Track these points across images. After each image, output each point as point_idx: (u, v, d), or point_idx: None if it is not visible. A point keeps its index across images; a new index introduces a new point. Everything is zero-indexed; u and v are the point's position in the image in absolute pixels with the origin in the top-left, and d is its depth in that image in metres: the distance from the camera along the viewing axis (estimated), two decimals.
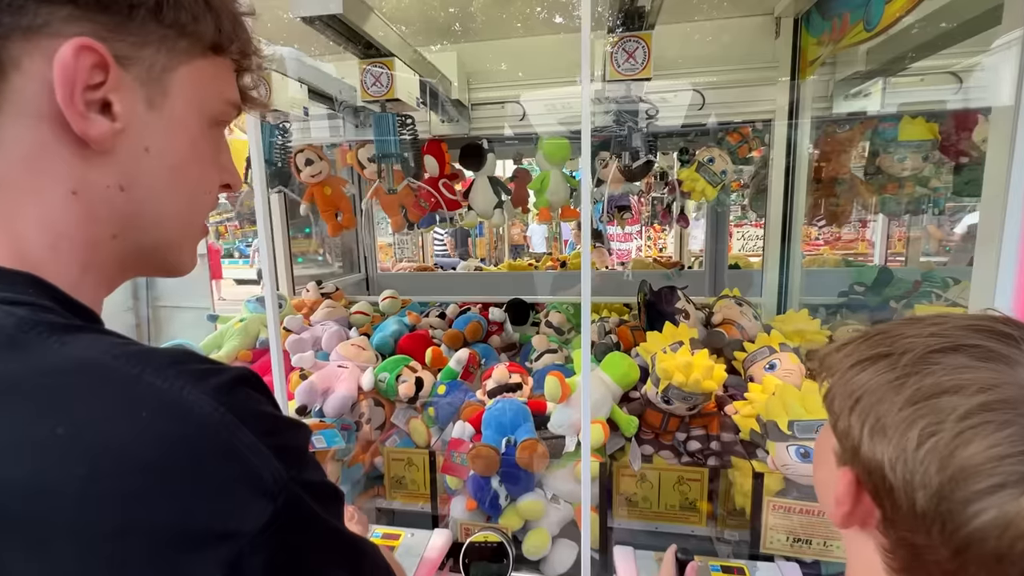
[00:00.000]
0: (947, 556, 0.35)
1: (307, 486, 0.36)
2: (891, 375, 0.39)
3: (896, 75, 1.59)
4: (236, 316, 1.85)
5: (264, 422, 0.35)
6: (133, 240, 0.42)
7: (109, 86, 0.37)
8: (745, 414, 1.17)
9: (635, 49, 1.23)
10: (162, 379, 0.32)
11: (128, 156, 0.39)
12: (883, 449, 0.38)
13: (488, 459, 1.11)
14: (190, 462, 0.31)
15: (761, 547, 1.03)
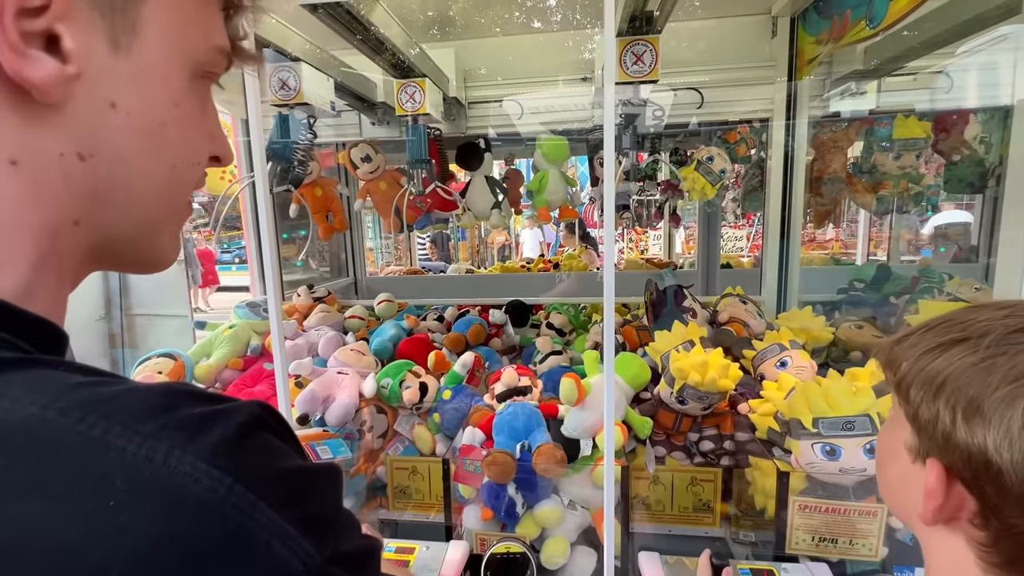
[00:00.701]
0: None
1: (344, 560, 0.28)
2: (974, 358, 0.39)
3: (891, 75, 1.62)
4: (225, 323, 1.77)
5: (287, 487, 0.26)
6: (102, 225, 0.33)
7: (55, 11, 0.27)
8: (762, 412, 1.16)
9: (643, 52, 1.23)
10: (137, 440, 0.23)
11: (88, 113, 0.30)
12: (983, 432, 0.37)
13: (504, 466, 1.07)
14: (188, 570, 0.22)
15: (787, 548, 1.01)
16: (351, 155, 1.91)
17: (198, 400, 0.26)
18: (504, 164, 2.49)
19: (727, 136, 1.94)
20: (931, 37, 1.37)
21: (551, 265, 3.30)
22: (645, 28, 1.28)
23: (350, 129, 1.93)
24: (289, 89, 1.30)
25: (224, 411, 0.26)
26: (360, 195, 2.00)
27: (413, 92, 1.47)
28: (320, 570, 0.26)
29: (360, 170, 1.92)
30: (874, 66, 1.58)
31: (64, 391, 0.24)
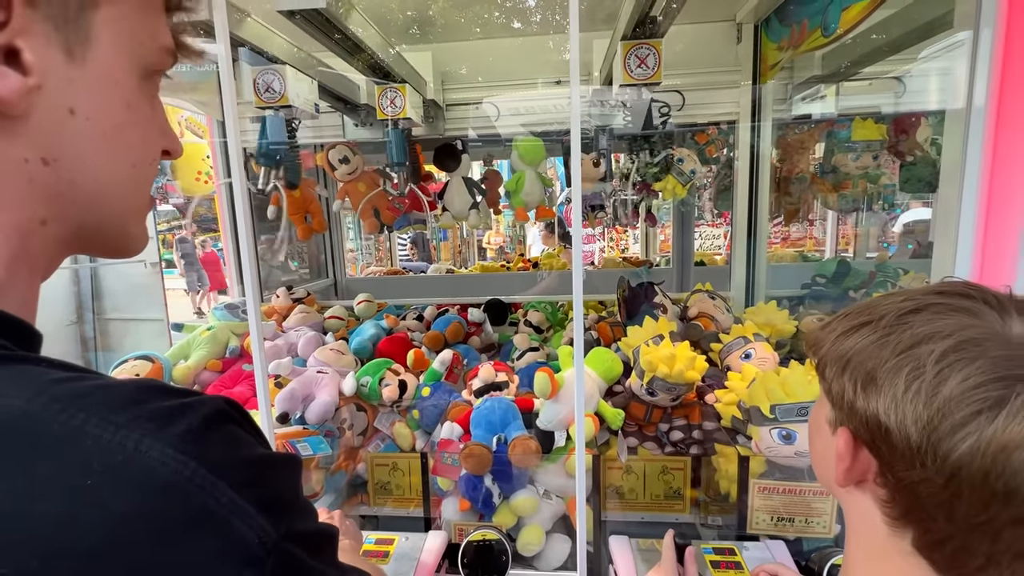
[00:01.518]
0: (941, 485, 0.39)
1: (299, 538, 0.30)
2: (873, 336, 0.44)
3: (849, 79, 1.70)
4: (203, 324, 1.77)
5: (245, 470, 0.29)
6: (70, 222, 0.35)
7: (15, 27, 0.29)
8: (727, 402, 1.22)
9: (647, 55, 1.28)
10: (111, 430, 0.25)
11: (49, 121, 0.32)
12: (876, 399, 0.42)
13: (480, 457, 1.10)
14: (156, 542, 0.24)
15: (748, 528, 1.07)
16: (329, 156, 1.92)
17: (167, 395, 0.29)
18: (484, 163, 2.52)
19: (697, 137, 2.01)
20: (884, 44, 1.46)
21: (530, 264, 3.35)
22: (649, 31, 1.32)
23: (332, 130, 1.94)
24: (274, 92, 1.32)
25: (191, 404, 0.29)
26: (339, 196, 2.02)
27: (394, 97, 1.52)
28: (275, 545, 0.28)
29: (338, 171, 1.93)
30: (832, 71, 1.66)
31: (46, 386, 0.26)
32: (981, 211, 0.87)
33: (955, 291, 0.44)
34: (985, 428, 0.37)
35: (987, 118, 0.85)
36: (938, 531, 0.41)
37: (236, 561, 0.27)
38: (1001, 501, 0.37)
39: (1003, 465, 0.36)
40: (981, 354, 0.39)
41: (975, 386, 0.38)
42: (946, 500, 0.39)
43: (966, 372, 0.38)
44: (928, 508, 0.41)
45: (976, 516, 0.38)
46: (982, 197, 0.87)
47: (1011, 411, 0.36)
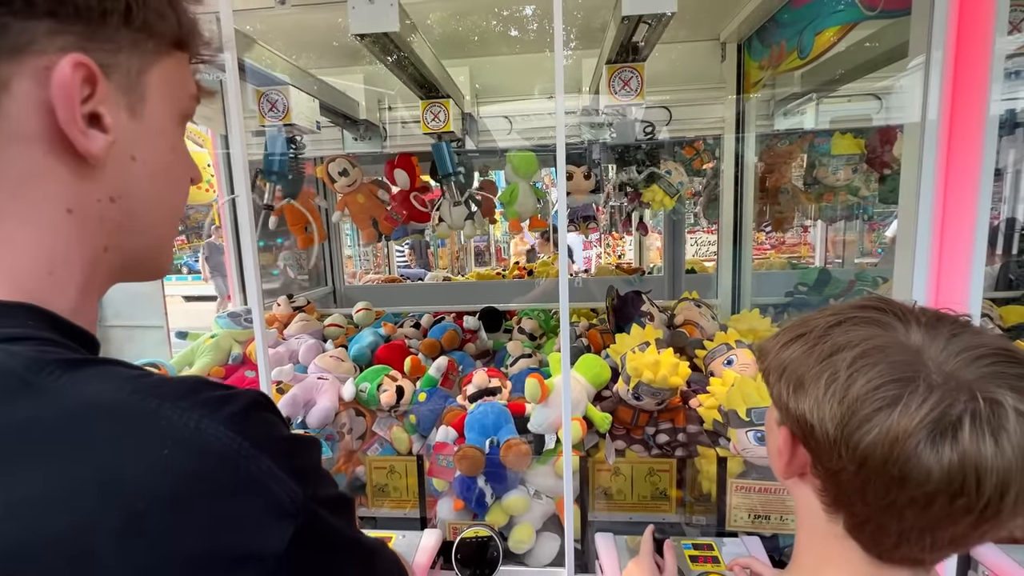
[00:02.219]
0: (854, 472, 0.45)
1: (322, 501, 0.37)
2: (804, 347, 0.51)
3: (828, 96, 1.78)
4: (207, 332, 1.82)
5: (279, 446, 0.36)
6: (123, 250, 0.42)
7: (97, 98, 0.36)
8: (708, 406, 1.28)
9: (630, 78, 1.36)
10: (179, 412, 0.32)
11: (117, 167, 0.39)
12: (803, 400, 0.49)
13: (474, 459, 1.16)
14: (214, 495, 0.32)
15: (726, 525, 1.13)
16: (329, 169, 1.99)
17: (215, 387, 0.36)
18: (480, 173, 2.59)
19: (685, 151, 2.08)
20: (857, 65, 1.53)
21: (525, 272, 3.41)
22: (632, 56, 1.40)
23: (332, 144, 2.01)
24: (278, 111, 1.38)
25: (234, 394, 0.36)
26: (338, 207, 2.08)
27: (438, 112, 1.61)
28: (304, 505, 0.35)
29: (338, 183, 2.00)
30: (811, 88, 1.74)
31: (127, 381, 0.33)
32: (936, 219, 0.94)
33: (870, 305, 0.51)
34: (884, 422, 0.43)
35: (940, 131, 0.92)
36: (858, 514, 0.48)
37: (274, 515, 0.34)
38: (898, 485, 0.43)
39: (897, 453, 0.42)
40: (883, 359, 0.45)
41: (876, 387, 0.44)
42: (859, 486, 0.46)
43: (870, 375, 0.45)
44: (848, 493, 0.48)
45: (883, 498, 0.45)
46: (937, 205, 0.94)
47: (904, 407, 0.43)
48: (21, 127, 0.35)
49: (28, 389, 0.31)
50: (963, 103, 0.91)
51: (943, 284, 0.95)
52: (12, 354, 0.32)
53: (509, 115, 2.00)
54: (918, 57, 0.97)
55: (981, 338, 0.46)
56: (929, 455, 0.42)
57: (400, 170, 2.00)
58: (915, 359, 0.45)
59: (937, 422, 0.42)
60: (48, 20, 0.34)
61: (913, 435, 0.42)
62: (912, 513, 0.44)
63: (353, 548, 0.41)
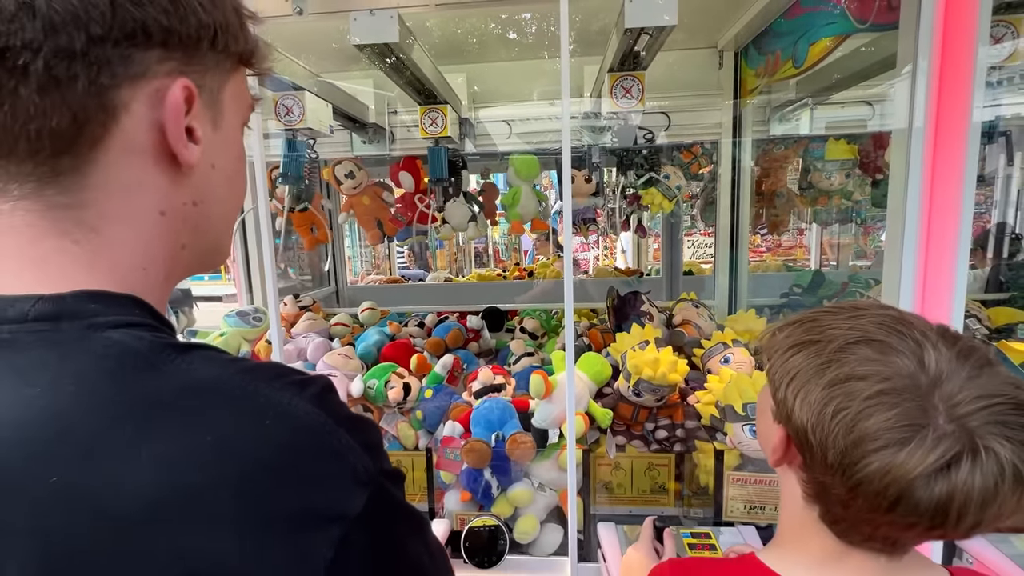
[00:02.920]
0: (844, 491, 0.49)
1: (386, 474, 0.41)
2: (818, 360, 0.52)
3: (822, 103, 1.83)
4: (216, 331, 1.86)
5: (353, 424, 0.40)
6: (197, 247, 0.46)
7: (192, 114, 0.41)
8: (705, 402, 1.32)
9: (632, 86, 1.41)
10: (275, 391, 0.37)
11: (201, 174, 0.44)
12: (808, 417, 0.51)
13: (481, 452, 1.20)
14: (306, 462, 0.36)
15: (723, 516, 1.18)
16: (335, 171, 2.03)
17: (294, 372, 0.41)
18: (482, 176, 2.64)
19: (683, 155, 2.13)
20: (850, 74, 1.59)
21: (526, 273, 3.46)
22: (633, 65, 1.46)
23: (341, 147, 2.06)
24: (293, 115, 1.43)
25: (312, 378, 0.41)
26: (344, 209, 2.12)
27: (436, 117, 1.66)
28: (374, 477, 0.40)
29: (344, 186, 2.04)
30: (806, 95, 1.80)
31: (227, 364, 0.38)
32: (923, 222, 0.99)
33: (895, 329, 0.51)
34: (887, 457, 0.46)
35: (926, 137, 0.97)
36: (836, 515, 0.53)
37: (352, 483, 0.38)
38: (885, 511, 0.47)
39: (893, 489, 0.46)
40: (901, 403, 0.47)
41: (888, 428, 0.46)
42: (846, 500, 0.50)
43: (884, 416, 0.47)
44: (831, 500, 0.53)
45: (865, 514, 0.50)
46: (923, 209, 0.99)
47: (911, 451, 0.45)
48: (135, 142, 0.39)
49: (153, 368, 0.35)
50: (948, 110, 0.96)
51: (929, 285, 1.00)
52: (138, 338, 0.36)
53: (508, 119, 2.04)
54: (907, 66, 1.02)
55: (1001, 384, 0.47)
56: (924, 490, 0.45)
57: (405, 173, 2.05)
58: (927, 403, 0.46)
59: (940, 469, 0.44)
60: (159, 49, 0.38)
61: (915, 480, 0.45)
62: (887, 528, 0.49)
63: (412, 517, 0.46)
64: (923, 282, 1.00)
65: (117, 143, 0.38)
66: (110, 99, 0.37)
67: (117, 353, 0.35)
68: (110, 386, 0.34)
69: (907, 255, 0.99)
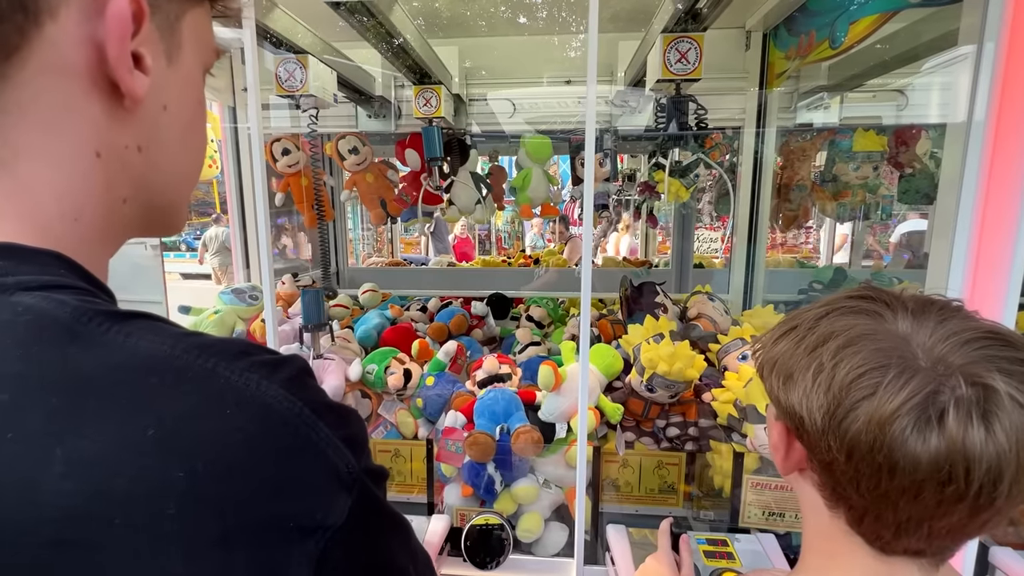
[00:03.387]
0: (844, 462, 0.45)
1: (369, 473, 0.36)
2: (795, 339, 0.51)
3: (853, 91, 1.74)
4: (210, 308, 1.79)
5: (333, 414, 0.34)
6: (141, 203, 0.39)
7: (141, 37, 0.34)
8: (723, 400, 1.25)
9: (688, 50, 1.26)
10: (236, 373, 0.31)
11: (148, 114, 0.37)
12: (793, 392, 0.48)
13: (485, 445, 1.14)
14: (277, 461, 0.30)
15: (740, 521, 1.11)
16: (338, 146, 1.94)
17: (263, 350, 0.34)
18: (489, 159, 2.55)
19: (706, 142, 2.04)
20: (890, 58, 1.49)
21: (531, 261, 3.38)
22: (691, 25, 1.28)
23: (346, 121, 1.96)
24: (295, 80, 1.34)
25: (286, 358, 0.34)
26: (347, 186, 2.04)
27: (430, 97, 1.59)
28: (356, 475, 0.34)
29: (347, 162, 1.96)
30: (837, 82, 1.70)
31: (180, 337, 0.31)
32: (977, 222, 0.91)
33: (858, 295, 0.51)
34: (868, 409, 0.42)
35: (986, 132, 0.88)
36: (856, 506, 0.47)
37: (332, 483, 0.33)
38: (887, 473, 0.42)
39: (881, 440, 0.42)
40: (867, 347, 0.45)
41: (860, 374, 0.44)
42: (852, 476, 0.45)
43: (853, 363, 0.44)
44: (843, 484, 0.46)
45: (875, 488, 0.44)
46: (978, 209, 0.91)
47: (884, 392, 0.42)
48: (63, 59, 0.32)
49: (77, 340, 0.28)
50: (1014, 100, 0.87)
51: (977, 290, 0.92)
52: (59, 303, 0.29)
53: (523, 98, 1.95)
54: (965, 47, 0.93)
55: (971, 322, 0.46)
56: (915, 442, 0.41)
57: (411, 150, 1.96)
58: (901, 345, 0.44)
59: (922, 407, 0.41)
60: None
61: (896, 421, 0.41)
62: (905, 503, 0.43)
63: (397, 524, 0.40)
64: (972, 287, 0.92)
65: (38, 56, 0.31)
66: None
67: (29, 321, 0.28)
68: (17, 364, 0.27)
69: (957, 256, 0.91)
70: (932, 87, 1.68)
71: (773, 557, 0.98)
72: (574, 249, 3.75)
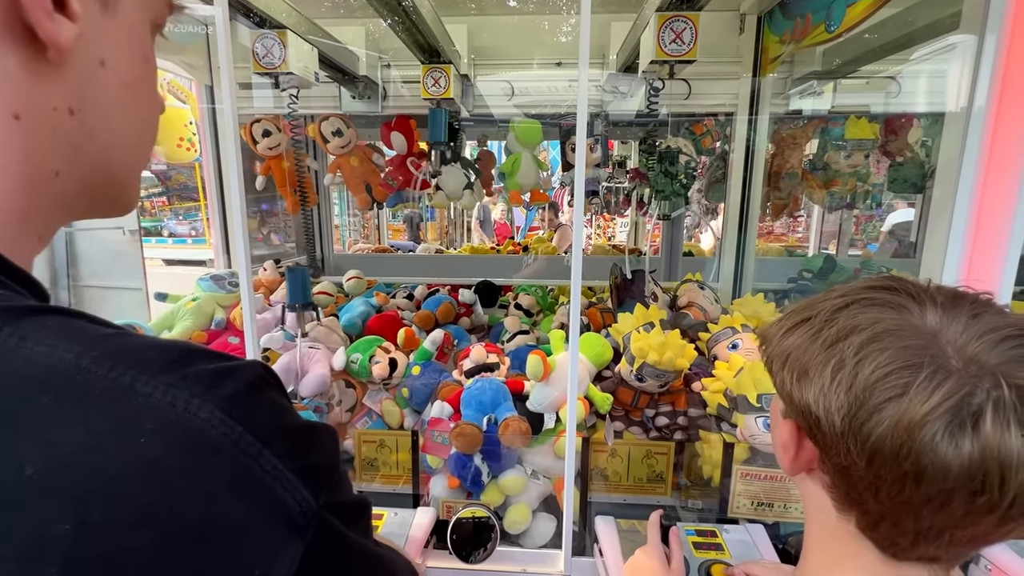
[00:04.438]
0: (864, 467, 0.41)
1: (336, 509, 0.31)
2: (809, 333, 0.47)
3: (847, 76, 1.71)
4: (188, 295, 1.73)
5: (285, 439, 0.28)
6: (79, 176, 0.33)
7: None
8: (714, 390, 1.24)
9: (683, 29, 1.21)
10: (161, 389, 0.25)
11: (81, 71, 0.31)
12: (808, 390, 0.45)
13: (472, 437, 1.11)
14: (205, 504, 0.24)
15: (728, 512, 1.10)
16: (321, 128, 1.88)
17: (209, 357, 0.28)
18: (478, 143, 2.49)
19: (694, 128, 2.01)
20: (885, 43, 1.47)
21: (520, 248, 3.34)
22: (686, 7, 1.24)
23: (329, 102, 1.89)
24: (273, 57, 1.27)
25: (235, 368, 0.28)
26: (330, 170, 1.98)
27: (439, 77, 1.54)
28: (315, 515, 0.29)
29: (330, 144, 1.89)
30: (832, 68, 1.67)
31: (96, 341, 0.26)
32: (974, 211, 0.89)
33: (881, 286, 0.47)
34: (895, 412, 0.39)
35: (986, 122, 0.87)
36: (872, 512, 0.44)
37: (279, 527, 0.27)
38: (913, 481, 0.39)
39: (909, 445, 0.39)
40: (894, 343, 0.41)
41: (887, 373, 0.40)
42: (872, 482, 0.42)
43: (879, 361, 0.41)
44: (860, 490, 0.44)
45: (897, 496, 0.41)
46: (975, 197, 0.89)
47: (915, 394, 0.39)
48: None
49: None
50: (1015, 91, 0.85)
51: (972, 277, 0.91)
52: None
53: (512, 81, 1.89)
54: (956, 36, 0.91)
55: (1006, 318, 0.42)
56: (947, 448, 0.37)
57: (397, 133, 1.90)
58: (931, 342, 0.41)
59: (955, 411, 0.37)
60: None
61: (927, 425, 0.38)
62: (929, 512, 0.40)
63: (368, 562, 0.34)
64: (966, 280, 0.91)
65: None
66: None
67: None
68: None
69: (952, 246, 0.90)
70: (925, 75, 1.67)
71: (762, 548, 0.98)
72: (564, 237, 3.71)
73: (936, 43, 1.34)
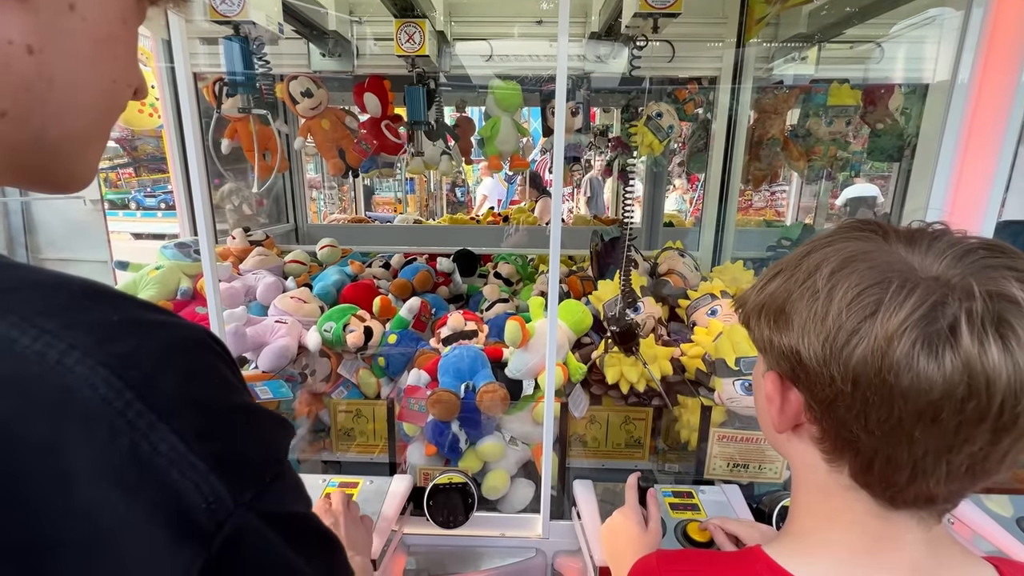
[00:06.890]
0: (850, 394, 0.41)
1: (274, 519, 0.24)
2: (782, 279, 0.47)
3: (831, 41, 1.68)
4: (151, 264, 1.65)
5: (209, 416, 0.23)
6: (30, 125, 0.30)
7: None
8: (692, 355, 1.24)
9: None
10: (31, 334, 0.20)
11: (48, 9, 0.29)
12: (787, 328, 0.45)
13: (449, 404, 1.09)
14: (61, 486, 0.18)
15: (705, 473, 1.12)
16: (290, 88, 1.78)
17: (128, 307, 0.23)
18: (457, 109, 2.41)
19: (676, 94, 1.97)
20: (869, 4, 1.44)
21: (500, 219, 3.29)
22: None
23: (298, 60, 1.78)
24: (232, 4, 1.18)
25: (154, 323, 0.23)
26: (301, 133, 1.88)
27: (412, 32, 1.43)
28: (231, 514, 0.23)
29: (300, 106, 1.80)
30: (816, 31, 1.64)
31: None
32: (953, 179, 0.89)
33: (846, 225, 0.48)
34: (870, 330, 0.39)
35: (968, 95, 0.86)
36: (864, 449, 0.43)
37: (168, 527, 0.20)
38: (900, 397, 0.39)
39: (890, 360, 0.38)
40: (859, 267, 0.42)
41: (857, 294, 0.40)
42: (859, 409, 0.41)
43: (848, 283, 0.41)
44: (850, 426, 0.43)
45: (887, 420, 0.40)
46: (955, 166, 0.89)
47: (887, 308, 0.39)
48: None
49: None
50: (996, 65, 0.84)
51: None
52: None
53: (491, 40, 1.81)
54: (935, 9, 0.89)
55: (966, 237, 0.43)
56: (928, 365, 0.37)
57: (371, 94, 1.81)
58: (897, 260, 0.42)
59: (928, 319, 0.38)
60: None
61: (904, 335, 0.38)
62: (922, 432, 0.39)
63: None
64: None
65: None
66: None
67: None
68: None
69: (931, 215, 0.89)
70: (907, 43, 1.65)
71: (737, 507, 0.99)
72: (545, 208, 3.67)
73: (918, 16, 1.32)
